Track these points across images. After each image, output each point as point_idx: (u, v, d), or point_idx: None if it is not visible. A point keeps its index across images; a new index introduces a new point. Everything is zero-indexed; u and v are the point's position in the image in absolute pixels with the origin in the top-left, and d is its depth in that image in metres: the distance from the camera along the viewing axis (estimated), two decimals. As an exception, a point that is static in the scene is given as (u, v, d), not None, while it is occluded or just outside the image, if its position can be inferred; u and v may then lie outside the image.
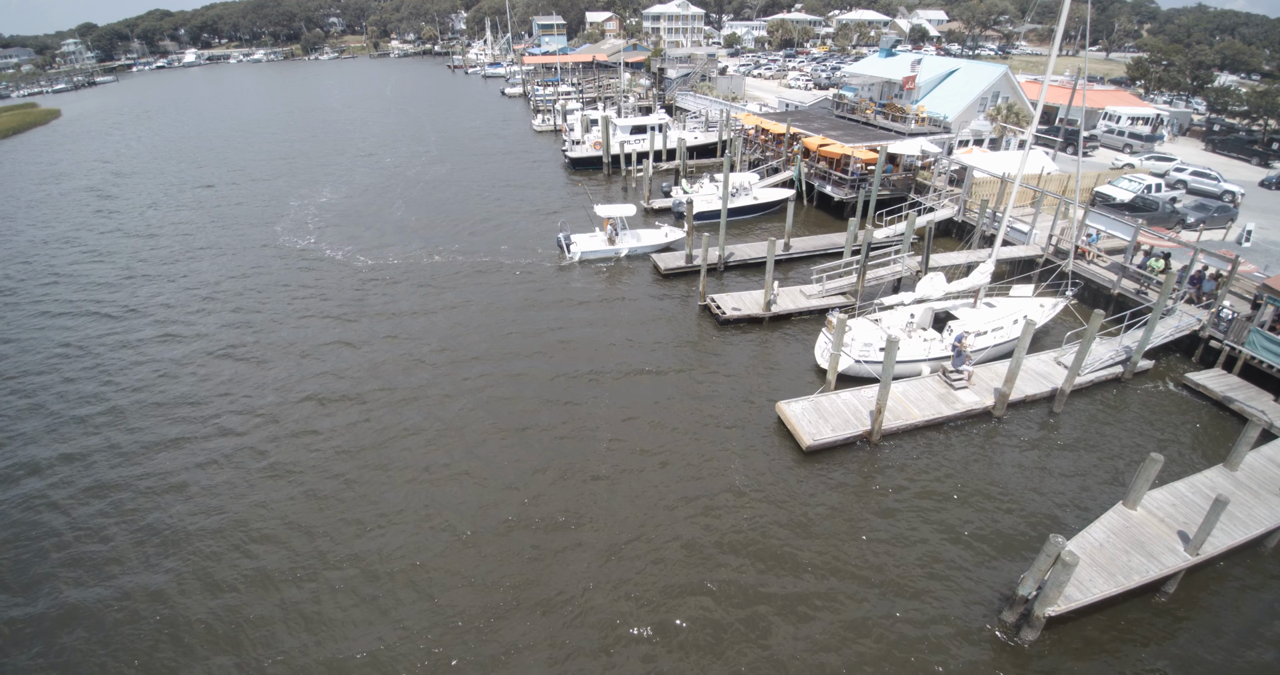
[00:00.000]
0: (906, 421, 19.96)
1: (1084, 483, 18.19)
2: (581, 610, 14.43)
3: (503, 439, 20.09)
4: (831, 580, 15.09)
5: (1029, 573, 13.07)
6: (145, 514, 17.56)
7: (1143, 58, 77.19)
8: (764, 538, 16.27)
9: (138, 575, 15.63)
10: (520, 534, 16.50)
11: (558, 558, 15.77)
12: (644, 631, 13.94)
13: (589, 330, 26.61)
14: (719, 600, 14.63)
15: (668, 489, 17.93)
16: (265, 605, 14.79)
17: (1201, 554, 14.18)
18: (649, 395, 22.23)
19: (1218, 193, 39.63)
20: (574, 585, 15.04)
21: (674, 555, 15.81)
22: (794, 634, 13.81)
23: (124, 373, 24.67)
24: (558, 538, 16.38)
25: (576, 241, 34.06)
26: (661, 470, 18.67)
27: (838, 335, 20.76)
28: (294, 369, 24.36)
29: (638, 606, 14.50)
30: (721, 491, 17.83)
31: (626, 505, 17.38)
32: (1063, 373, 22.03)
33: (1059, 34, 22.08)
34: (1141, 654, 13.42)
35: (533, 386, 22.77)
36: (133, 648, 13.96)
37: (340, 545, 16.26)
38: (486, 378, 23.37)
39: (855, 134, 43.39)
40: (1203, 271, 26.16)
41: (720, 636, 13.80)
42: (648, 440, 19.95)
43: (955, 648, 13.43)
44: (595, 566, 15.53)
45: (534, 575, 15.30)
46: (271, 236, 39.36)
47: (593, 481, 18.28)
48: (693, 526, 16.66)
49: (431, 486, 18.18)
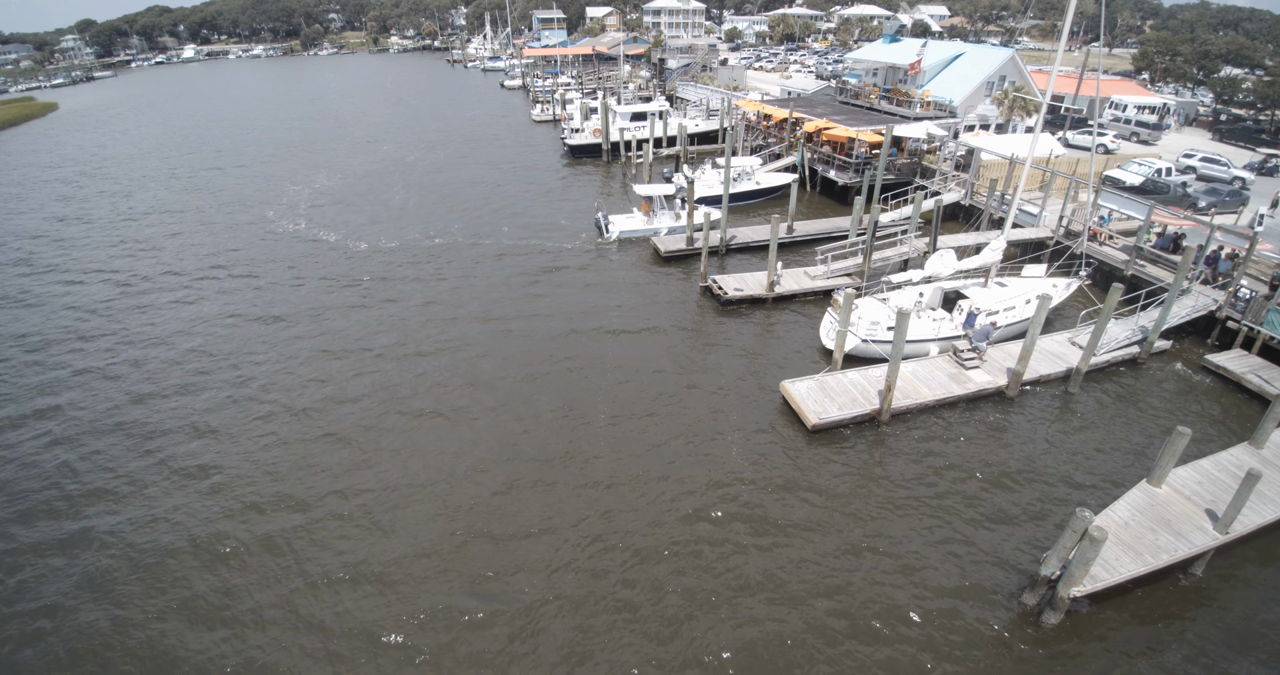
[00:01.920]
0: (917, 401, 19.19)
1: (1103, 462, 17.43)
2: (562, 596, 13.70)
3: (495, 417, 19.34)
4: (838, 562, 14.33)
5: (1052, 551, 12.30)
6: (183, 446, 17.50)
7: (1148, 49, 76.28)
8: (766, 517, 15.50)
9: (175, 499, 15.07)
10: (509, 506, 15.77)
11: (550, 537, 15.03)
12: (646, 612, 13.20)
13: (583, 311, 25.82)
14: (719, 581, 13.87)
15: (668, 468, 17.16)
16: (290, 521, 15.78)
17: (1231, 533, 13.42)
18: (645, 375, 21.44)
19: (1228, 179, 38.88)
20: (565, 556, 14.31)
21: (673, 532, 15.06)
22: (797, 615, 13.05)
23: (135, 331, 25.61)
24: (551, 521, 15.64)
25: (615, 221, 33.64)
26: (659, 450, 17.89)
27: (844, 313, 20.00)
28: (310, 327, 25.50)
29: (634, 591, 13.76)
30: (722, 471, 17.06)
31: (624, 486, 16.62)
32: (1077, 353, 21.28)
33: (1067, 24, 21.32)
34: (1170, 638, 12.65)
35: (524, 370, 22.01)
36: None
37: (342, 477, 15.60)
38: (480, 357, 22.63)
39: (859, 119, 42.52)
40: (1218, 251, 25.41)
41: (724, 620, 13.04)
42: (644, 419, 19.17)
43: (972, 633, 12.66)
44: (592, 547, 14.78)
45: (526, 544, 14.57)
46: (262, 218, 38.63)
47: (590, 462, 17.52)
48: (693, 504, 15.90)
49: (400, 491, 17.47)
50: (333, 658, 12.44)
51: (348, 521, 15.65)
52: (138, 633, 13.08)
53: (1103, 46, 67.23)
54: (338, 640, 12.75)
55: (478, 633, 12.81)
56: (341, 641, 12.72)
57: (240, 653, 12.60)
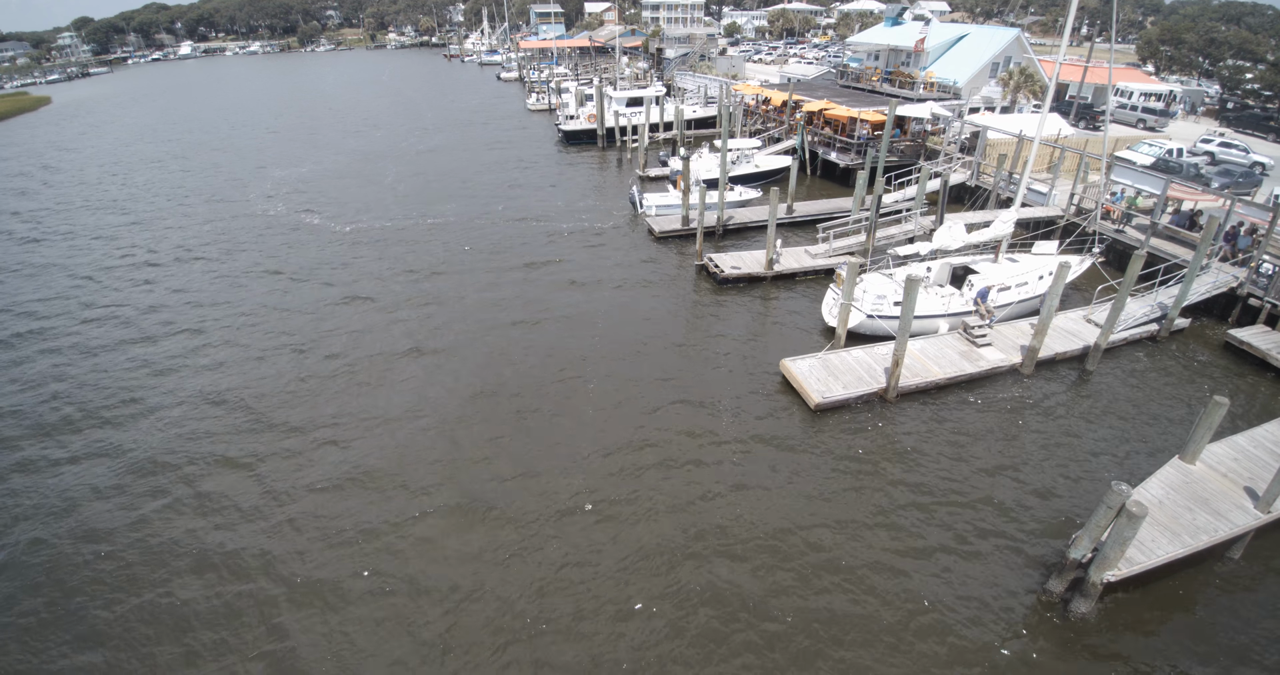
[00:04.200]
0: (926, 379, 18.01)
1: (1128, 440, 16.25)
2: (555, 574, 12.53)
3: (479, 401, 18.17)
4: (845, 546, 13.14)
5: (1083, 531, 11.10)
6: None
7: (1152, 36, 75.18)
8: (767, 500, 14.33)
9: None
10: (502, 483, 14.61)
11: (550, 523, 13.87)
12: (649, 596, 12.03)
13: (576, 289, 24.64)
14: (721, 562, 12.70)
15: (659, 454, 15.99)
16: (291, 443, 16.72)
17: (1274, 511, 12.25)
18: (638, 351, 20.25)
19: (1247, 164, 37.83)
20: (550, 569, 13.15)
21: (666, 517, 13.88)
22: (799, 607, 11.87)
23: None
24: (549, 502, 14.48)
25: (649, 198, 32.73)
26: (654, 431, 16.72)
27: (848, 286, 18.83)
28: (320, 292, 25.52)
29: (630, 583, 12.60)
30: (720, 451, 15.88)
31: (615, 461, 15.46)
32: (1094, 331, 20.10)
33: (1072, 9, 20.06)
34: (1210, 628, 11.47)
35: (514, 349, 20.84)
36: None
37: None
38: (474, 339, 21.47)
39: (861, 103, 41.29)
40: (1238, 227, 24.27)
41: (727, 603, 11.87)
42: (637, 398, 17.99)
43: (993, 624, 11.47)
44: (588, 528, 13.62)
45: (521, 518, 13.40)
46: (247, 201, 37.48)
47: (577, 442, 16.35)
48: (689, 489, 14.72)
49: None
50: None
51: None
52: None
53: (1102, 40, 66.05)
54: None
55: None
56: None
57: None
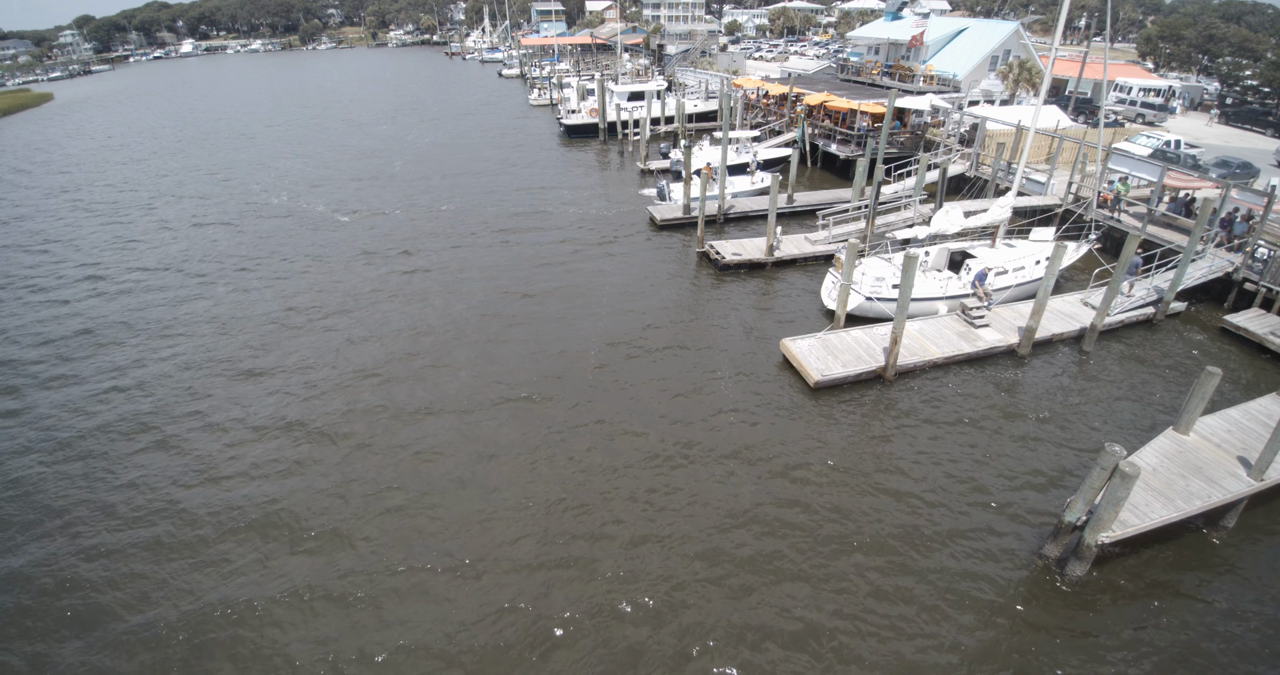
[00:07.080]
0: (924, 358, 18.25)
1: (1122, 415, 16.50)
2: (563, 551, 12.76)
3: (488, 391, 18.41)
4: (843, 520, 13.38)
5: (1077, 495, 11.33)
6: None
7: (1151, 32, 75.44)
8: (768, 475, 14.57)
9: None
10: (498, 470, 14.84)
11: (547, 509, 14.10)
12: (649, 585, 12.26)
13: (578, 275, 24.87)
14: (723, 537, 12.93)
15: (664, 425, 16.22)
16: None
17: (1267, 479, 12.48)
18: (640, 333, 20.48)
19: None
20: (557, 536, 13.37)
21: (670, 494, 14.12)
22: (802, 576, 12.10)
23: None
24: (545, 488, 14.72)
25: (675, 189, 32.94)
26: (651, 410, 16.96)
27: (847, 268, 19.08)
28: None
29: (632, 578, 12.83)
30: (720, 427, 16.12)
31: (618, 439, 15.69)
32: (1090, 313, 20.35)
33: (1064, 10, 20.23)
34: (1203, 593, 11.70)
35: (518, 338, 21.07)
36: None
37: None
38: (472, 328, 21.70)
39: (861, 95, 41.53)
40: (1233, 213, 24.49)
41: (726, 576, 12.10)
42: (640, 374, 18.23)
43: (989, 589, 11.69)
44: (587, 519, 13.85)
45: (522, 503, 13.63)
46: (249, 194, 37.72)
47: (579, 426, 16.59)
48: (690, 465, 14.96)
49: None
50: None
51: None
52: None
53: (1101, 40, 66.27)
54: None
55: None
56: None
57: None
